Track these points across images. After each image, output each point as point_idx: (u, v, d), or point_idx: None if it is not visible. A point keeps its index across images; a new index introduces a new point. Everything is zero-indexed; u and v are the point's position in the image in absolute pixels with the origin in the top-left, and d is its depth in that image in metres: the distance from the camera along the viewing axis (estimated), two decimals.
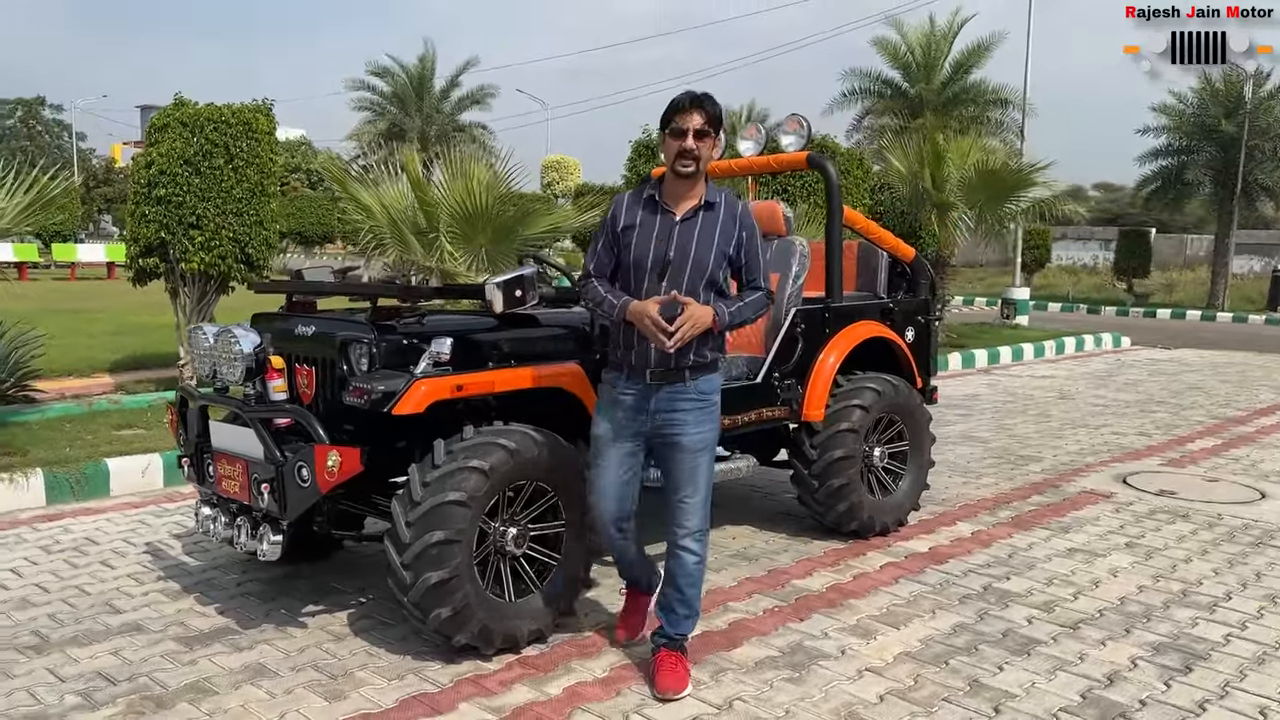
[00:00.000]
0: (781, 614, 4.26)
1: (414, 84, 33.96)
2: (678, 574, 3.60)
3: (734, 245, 3.50)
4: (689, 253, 3.43)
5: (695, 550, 3.58)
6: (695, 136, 3.37)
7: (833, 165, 5.26)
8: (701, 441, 3.55)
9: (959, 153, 13.62)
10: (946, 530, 5.51)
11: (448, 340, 3.73)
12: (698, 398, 3.53)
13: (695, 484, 3.55)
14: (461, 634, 3.65)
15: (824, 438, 5.05)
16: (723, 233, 3.47)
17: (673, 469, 3.56)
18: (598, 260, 3.51)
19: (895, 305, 5.56)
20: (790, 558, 5.00)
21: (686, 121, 3.38)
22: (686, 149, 3.37)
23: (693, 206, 3.47)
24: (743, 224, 3.52)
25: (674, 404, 3.50)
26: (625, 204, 3.51)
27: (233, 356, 3.94)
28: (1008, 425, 8.80)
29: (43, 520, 5.62)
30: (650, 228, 3.45)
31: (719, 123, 3.44)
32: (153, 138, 8.35)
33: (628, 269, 3.46)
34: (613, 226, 3.48)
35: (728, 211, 3.50)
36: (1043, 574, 4.81)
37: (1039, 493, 6.36)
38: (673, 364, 3.46)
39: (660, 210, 3.46)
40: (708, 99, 3.43)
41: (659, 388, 3.48)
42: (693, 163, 3.39)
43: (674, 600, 3.63)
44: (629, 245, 3.45)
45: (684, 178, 3.42)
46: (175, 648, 3.89)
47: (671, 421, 3.51)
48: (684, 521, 3.56)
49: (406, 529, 3.58)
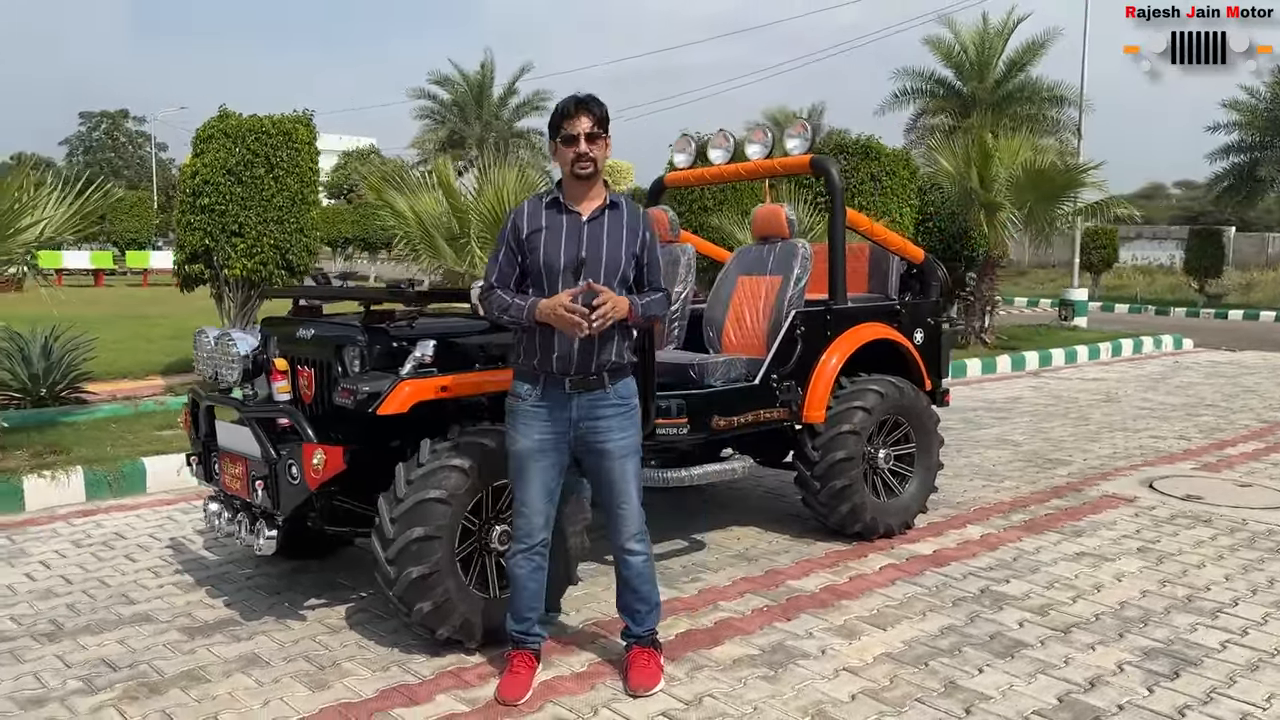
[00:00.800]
0: (769, 613, 4.30)
1: (473, 92, 34.51)
2: (631, 577, 3.63)
3: (639, 245, 3.53)
4: (601, 251, 3.44)
5: (641, 550, 3.63)
6: (587, 140, 3.40)
7: (836, 168, 5.28)
8: (628, 446, 3.56)
9: (1008, 152, 13.44)
10: (955, 533, 5.48)
11: (431, 343, 3.85)
12: (619, 402, 3.53)
13: (626, 489, 3.57)
14: (444, 628, 3.77)
15: (826, 439, 5.07)
16: (629, 232, 3.51)
17: (603, 477, 3.56)
18: (499, 270, 3.49)
19: (903, 307, 5.55)
20: (790, 559, 5.03)
21: (576, 127, 3.39)
22: (582, 153, 3.41)
23: (598, 206, 3.49)
24: (645, 226, 3.57)
25: (595, 411, 3.48)
26: (527, 211, 3.51)
27: (231, 359, 4.11)
28: (1044, 428, 8.68)
29: (79, 515, 5.88)
30: (558, 229, 3.45)
31: (607, 122, 3.46)
32: (198, 148, 8.66)
33: (539, 273, 3.44)
34: (514, 235, 3.48)
35: (631, 213, 3.54)
36: (1044, 578, 4.76)
37: (1059, 497, 6.28)
38: (591, 369, 3.46)
39: (566, 211, 3.48)
40: (593, 101, 3.43)
41: (578, 395, 3.49)
42: (590, 164, 3.43)
43: (633, 602, 3.67)
44: (537, 249, 3.44)
45: (584, 180, 3.46)
46: (178, 637, 4.06)
47: (595, 429, 3.49)
48: (624, 527, 3.59)
49: (390, 525, 3.70)
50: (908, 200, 14.34)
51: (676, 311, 5.56)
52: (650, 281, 3.61)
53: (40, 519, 5.83)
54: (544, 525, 3.56)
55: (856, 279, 5.98)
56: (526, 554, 3.56)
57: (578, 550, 4.09)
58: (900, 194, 14.18)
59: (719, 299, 5.51)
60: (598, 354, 3.45)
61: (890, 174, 13.98)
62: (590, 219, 3.47)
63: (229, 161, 8.35)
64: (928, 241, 15.80)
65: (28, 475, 6.13)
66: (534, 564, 3.58)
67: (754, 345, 5.23)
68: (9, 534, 5.53)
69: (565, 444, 3.51)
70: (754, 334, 5.28)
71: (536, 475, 3.49)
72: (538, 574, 3.62)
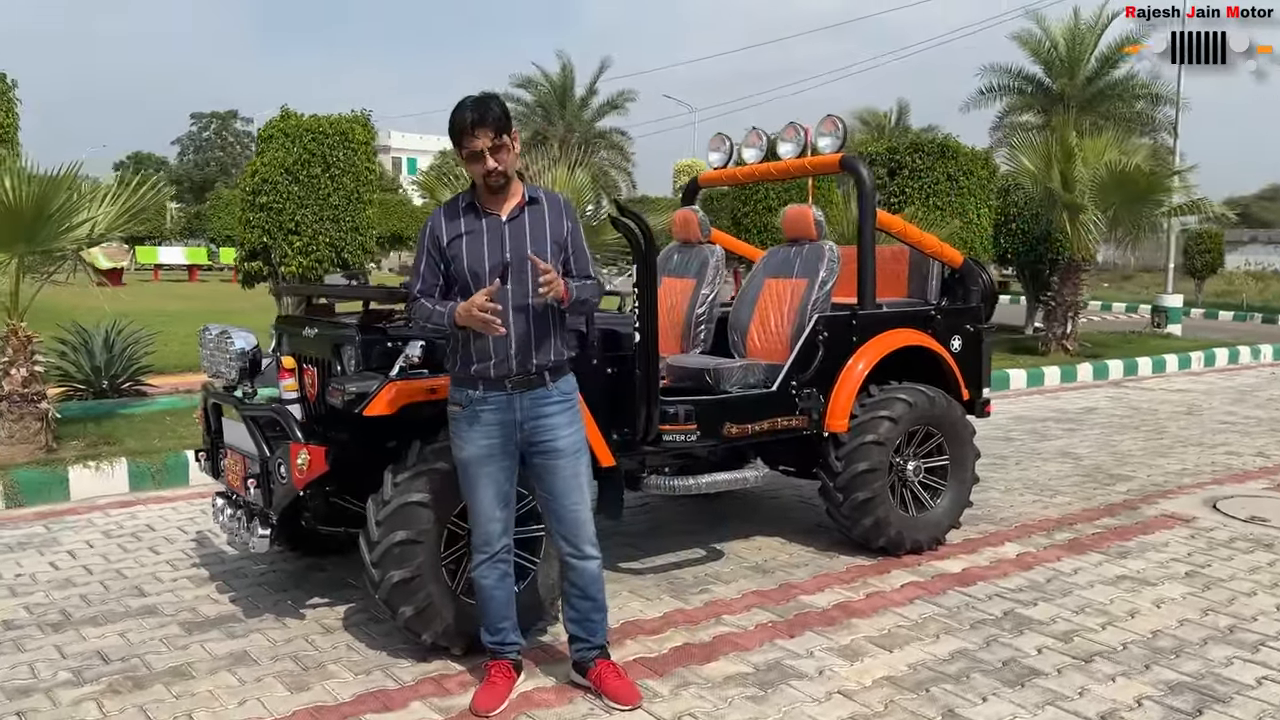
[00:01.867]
0: (773, 629, 4.14)
1: (556, 93, 34.76)
2: (585, 583, 3.51)
3: (563, 236, 3.41)
4: (525, 251, 3.31)
5: (595, 554, 3.51)
6: (492, 155, 3.25)
7: (867, 168, 5.08)
8: (576, 442, 3.45)
9: (1093, 151, 12.89)
10: (990, 550, 5.23)
11: (419, 344, 3.79)
12: (562, 398, 3.43)
13: (579, 488, 3.45)
14: (428, 632, 3.72)
15: (849, 450, 4.88)
16: (553, 227, 3.39)
17: (555, 478, 3.42)
18: (423, 280, 3.39)
19: (938, 312, 5.31)
20: (808, 572, 4.85)
21: (476, 144, 3.23)
22: (491, 170, 3.28)
23: (516, 205, 3.38)
24: (568, 215, 3.45)
25: (541, 409, 3.38)
26: (444, 218, 3.40)
27: (229, 356, 4.13)
28: (1113, 441, 8.28)
29: (117, 506, 6.02)
30: (479, 234, 3.34)
31: (508, 123, 3.30)
32: (260, 148, 8.83)
33: (465, 280, 3.32)
34: (434, 244, 3.38)
35: (552, 206, 3.42)
36: (1076, 601, 4.50)
37: (1111, 515, 5.95)
38: (531, 369, 3.36)
39: (484, 215, 3.37)
40: (488, 112, 3.24)
41: (521, 395, 3.37)
42: (501, 176, 3.31)
43: (589, 611, 3.54)
44: (459, 256, 3.33)
45: (499, 190, 3.35)
46: (177, 632, 4.10)
47: (542, 428, 3.39)
48: (578, 530, 3.47)
49: (376, 527, 3.66)
50: (986, 201, 13.91)
51: (703, 314, 5.42)
52: (578, 271, 3.47)
53: (80, 509, 5.98)
54: (503, 532, 3.47)
55: (896, 283, 5.75)
56: (489, 563, 3.47)
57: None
58: (979, 194, 13.76)
59: (745, 301, 5.35)
60: (535, 353, 3.35)
61: (968, 173, 13.58)
62: (510, 219, 3.36)
63: (286, 161, 8.49)
64: (1009, 244, 15.34)
65: (73, 465, 6.30)
66: (499, 572, 3.50)
67: (778, 350, 5.06)
68: (47, 522, 5.69)
69: (513, 446, 3.40)
70: (778, 338, 5.11)
71: (486, 481, 3.40)
72: (504, 582, 3.53)
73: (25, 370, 6.59)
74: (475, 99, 3.29)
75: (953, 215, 13.21)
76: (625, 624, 4.18)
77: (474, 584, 3.54)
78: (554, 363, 3.42)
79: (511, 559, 3.56)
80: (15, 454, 6.53)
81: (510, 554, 3.54)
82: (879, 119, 36.63)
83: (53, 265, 6.64)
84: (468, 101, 3.28)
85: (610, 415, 4.32)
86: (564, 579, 3.56)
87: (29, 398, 6.60)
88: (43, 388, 6.69)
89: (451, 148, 3.57)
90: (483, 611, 3.56)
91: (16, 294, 6.55)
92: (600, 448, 4.22)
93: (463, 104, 3.28)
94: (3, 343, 6.59)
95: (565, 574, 3.54)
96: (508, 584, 3.54)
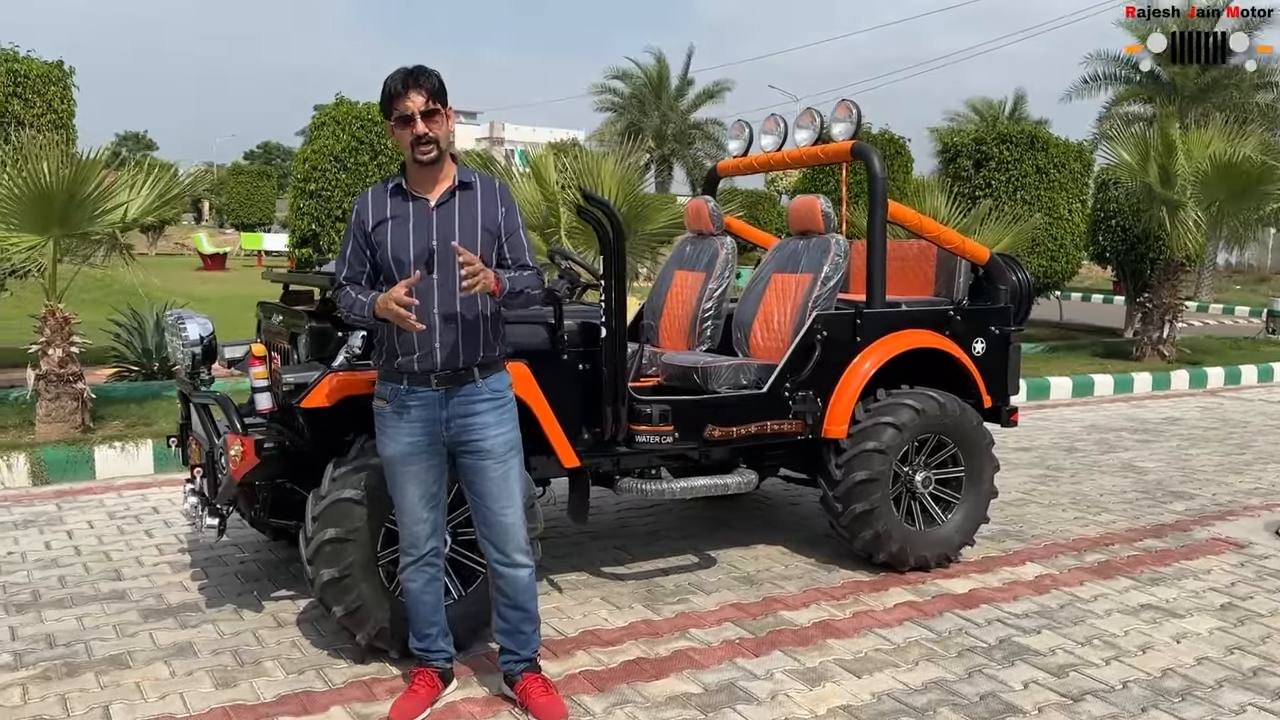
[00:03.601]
0: (739, 647, 3.88)
1: (651, 84, 34.56)
2: (515, 592, 3.31)
3: (495, 224, 3.19)
4: (453, 238, 3.10)
5: (526, 562, 3.32)
6: (424, 119, 3.05)
7: (879, 156, 4.74)
8: (506, 443, 3.25)
9: (1198, 144, 12.04)
10: (1007, 570, 4.84)
11: (360, 334, 3.66)
12: (492, 396, 3.23)
13: (510, 491, 3.26)
14: (361, 633, 3.59)
15: (849, 457, 4.57)
16: (485, 212, 3.18)
17: (483, 480, 3.23)
18: (349, 267, 3.19)
19: (957, 313, 4.93)
20: (799, 585, 4.56)
21: (407, 106, 3.03)
22: (420, 135, 3.06)
23: (446, 189, 3.16)
24: (502, 200, 3.23)
25: (469, 407, 3.19)
26: (371, 201, 3.20)
27: (181, 343, 4.06)
28: (1186, 456, 7.68)
29: (135, 487, 6.10)
30: (405, 219, 3.13)
31: (443, 94, 3.09)
32: (313, 135, 8.89)
33: (389, 268, 3.13)
34: (359, 228, 3.19)
35: (485, 190, 3.20)
36: (1085, 632, 4.11)
37: (1157, 536, 5.47)
38: (460, 364, 3.16)
39: (411, 198, 3.16)
40: (422, 73, 3.06)
41: (447, 392, 3.18)
42: (432, 146, 3.08)
43: (519, 621, 3.35)
44: (384, 242, 3.13)
45: (428, 165, 3.12)
46: (133, 619, 4.06)
47: (469, 426, 3.19)
48: (509, 536, 3.27)
49: (311, 523, 3.54)
50: (1079, 196, 13.19)
51: (711, 310, 5.16)
52: (514, 260, 3.25)
53: (98, 489, 6.08)
54: (430, 533, 3.29)
55: (921, 281, 5.39)
56: (416, 566, 3.31)
57: None
58: (1071, 189, 13.08)
59: (750, 297, 5.07)
60: (463, 348, 3.15)
61: (1059, 167, 12.90)
62: (439, 204, 3.16)
63: (335, 148, 8.52)
64: (1108, 242, 14.54)
65: (99, 445, 6.41)
66: (427, 575, 3.33)
67: (779, 348, 4.77)
68: (60, 501, 5.79)
69: (439, 445, 3.22)
70: (780, 336, 4.82)
71: (412, 481, 3.23)
72: (433, 586, 3.37)
73: (62, 350, 6.73)
74: (408, 67, 3.12)
75: (1040, 210, 12.55)
76: (583, 633, 3.97)
77: (402, 587, 3.39)
78: (484, 358, 3.22)
79: (441, 563, 3.39)
80: (51, 432, 6.68)
81: (439, 557, 3.37)
82: (992, 109, 35.31)
83: (88, 248, 6.75)
84: (396, 70, 3.11)
85: (581, 414, 4.12)
86: (493, 587, 3.38)
87: (65, 378, 6.74)
88: (79, 368, 6.83)
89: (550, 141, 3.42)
90: (410, 616, 3.40)
91: (54, 276, 6.69)
92: (564, 448, 4.03)
93: (393, 73, 3.11)
94: (41, 323, 6.74)
95: (494, 581, 3.36)
96: (435, 588, 3.38)
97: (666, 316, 5.41)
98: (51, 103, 7.73)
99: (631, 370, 4.82)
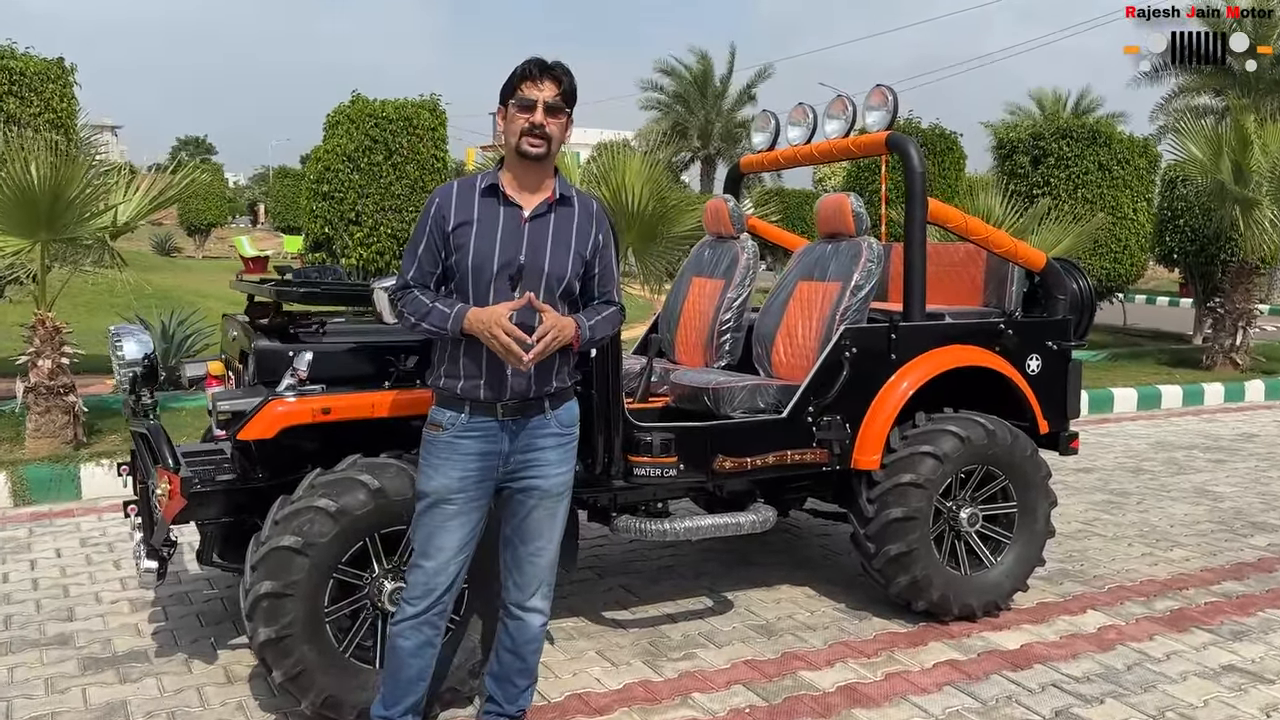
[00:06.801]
0: (747, 718, 3.34)
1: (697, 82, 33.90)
2: (521, 641, 2.96)
3: (590, 249, 2.81)
4: (543, 257, 2.76)
5: (543, 610, 2.97)
6: (546, 111, 2.69)
7: (917, 148, 4.17)
8: (564, 484, 2.91)
9: (1275, 138, 11.22)
10: (1065, 620, 4.24)
11: (307, 355, 3.18)
12: (560, 431, 2.87)
13: (551, 534, 2.91)
14: (305, 700, 3.11)
15: (882, 491, 4.01)
16: (579, 234, 2.80)
17: (527, 518, 2.88)
18: (418, 267, 2.78)
19: (1008, 326, 4.34)
20: (824, 638, 4.00)
21: (535, 91, 2.69)
22: (536, 123, 2.69)
23: (545, 200, 2.78)
24: (599, 225, 2.85)
25: (533, 441, 2.83)
26: (455, 197, 2.78)
27: (118, 362, 3.62)
28: (1266, 479, 6.97)
29: (113, 510, 5.68)
30: (493, 225, 2.74)
31: (573, 98, 2.75)
32: (326, 134, 8.49)
33: (464, 276, 2.75)
34: (438, 226, 2.76)
35: (583, 209, 2.84)
36: (1156, 701, 3.50)
37: (1237, 578, 4.82)
38: (532, 393, 2.77)
39: (505, 203, 2.75)
40: (561, 68, 2.76)
41: (513, 423, 2.79)
42: (543, 142, 2.71)
43: (514, 671, 2.99)
44: (464, 247, 2.73)
45: (532, 160, 2.72)
46: (70, 671, 3.63)
47: (529, 463, 2.84)
48: (533, 577, 2.92)
49: (250, 573, 3.07)
50: (1144, 194, 12.40)
51: (729, 321, 4.63)
52: (601, 292, 2.90)
53: (79, 510, 5.70)
54: (447, 587, 2.83)
55: (969, 289, 4.80)
56: (416, 622, 2.82)
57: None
58: (1135, 186, 12.29)
59: (773, 308, 4.53)
60: (537, 381, 2.77)
61: (1123, 163, 12.12)
62: (534, 215, 2.76)
63: (348, 148, 8.12)
64: (1175, 242, 13.72)
65: (85, 463, 6.05)
66: (423, 637, 2.85)
67: (803, 366, 4.22)
68: (34, 525, 5.42)
69: (490, 484, 2.83)
70: (804, 353, 4.27)
71: (452, 520, 2.79)
72: (426, 651, 2.89)
73: (52, 361, 6.37)
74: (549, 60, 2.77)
75: (1103, 209, 11.80)
76: (569, 697, 3.46)
77: (389, 643, 2.91)
78: (556, 388, 2.84)
79: (443, 625, 2.92)
80: (40, 447, 6.33)
81: (444, 619, 2.90)
82: (1056, 102, 33.99)
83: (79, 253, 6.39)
84: (539, 58, 2.77)
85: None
86: (499, 631, 3.02)
87: (56, 390, 6.39)
88: (71, 379, 6.47)
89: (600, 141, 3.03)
90: (386, 679, 2.92)
91: (43, 283, 6.34)
92: None
93: (535, 58, 2.77)
94: (30, 333, 6.39)
95: (502, 625, 3.00)
96: (428, 654, 2.89)
97: (683, 327, 4.89)
98: (50, 101, 7.40)
99: (639, 389, 4.33)
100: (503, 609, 3.00)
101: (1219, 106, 19.45)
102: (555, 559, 2.98)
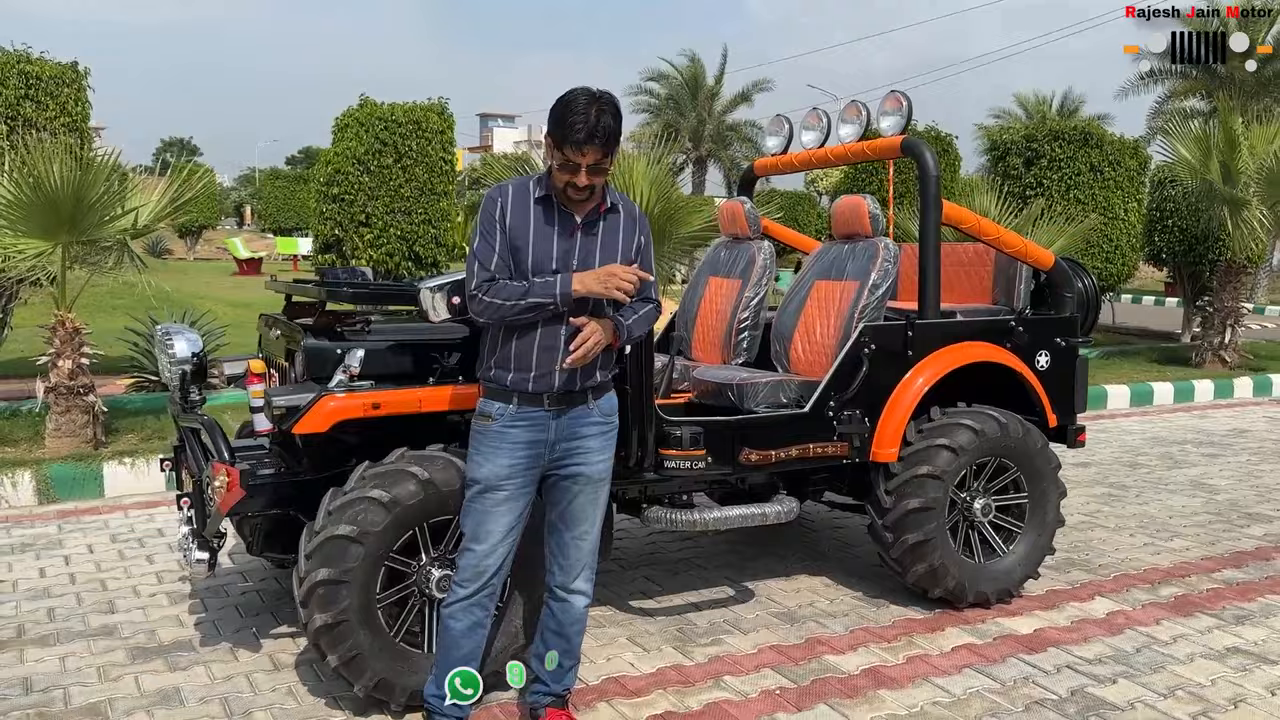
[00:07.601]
0: (779, 700, 3.48)
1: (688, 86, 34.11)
2: (567, 622, 3.13)
3: (635, 250, 3.00)
4: (594, 262, 2.93)
5: (587, 592, 3.15)
6: (589, 173, 2.80)
7: (932, 153, 4.33)
8: (605, 470, 3.09)
9: (1262, 139, 11.44)
10: (1074, 607, 4.41)
11: (359, 352, 3.31)
12: (602, 420, 3.05)
13: (594, 518, 3.10)
14: (358, 683, 3.24)
15: (900, 483, 4.16)
16: (625, 238, 2.98)
17: (571, 503, 3.06)
18: (498, 259, 2.88)
19: (1019, 323, 4.50)
20: (845, 624, 4.15)
21: (581, 159, 2.76)
22: (579, 185, 2.81)
23: (595, 208, 2.94)
24: (641, 227, 3.04)
25: (577, 430, 3.01)
26: (512, 199, 2.91)
27: (169, 360, 3.74)
28: (1259, 471, 7.16)
29: (141, 507, 5.81)
30: (547, 231, 2.90)
31: (618, 139, 2.82)
32: (335, 137, 8.60)
33: (523, 277, 2.89)
34: (501, 221, 2.89)
35: (628, 215, 3.02)
36: (1167, 681, 3.67)
37: (1236, 566, 5.00)
38: (576, 387, 2.95)
39: (558, 212, 2.90)
40: (609, 125, 2.75)
41: (559, 412, 2.96)
42: (586, 192, 2.85)
43: (560, 654, 3.14)
44: (522, 249, 2.88)
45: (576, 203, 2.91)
46: (120, 660, 3.74)
47: (573, 450, 3.01)
48: (577, 560, 3.09)
49: (304, 562, 3.20)
50: (1135, 194, 12.62)
51: (747, 320, 4.77)
52: (640, 292, 3.01)
53: (105, 508, 5.80)
54: (496, 569, 2.99)
55: (978, 288, 4.96)
56: (467, 604, 2.99)
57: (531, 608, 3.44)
58: (1126, 187, 12.51)
59: (790, 306, 4.67)
60: (581, 372, 2.94)
61: (1114, 164, 12.33)
62: (586, 222, 2.92)
63: (358, 151, 8.23)
64: (1165, 243, 13.93)
65: (108, 462, 6.14)
66: (474, 618, 3.01)
67: (821, 363, 4.37)
68: (62, 522, 5.51)
69: (537, 471, 3.00)
70: (823, 350, 4.42)
71: (501, 506, 2.96)
72: (476, 632, 3.04)
73: (72, 362, 6.47)
74: (595, 103, 2.74)
75: (1095, 210, 12.01)
76: (606, 681, 3.60)
77: (440, 624, 3.07)
78: (599, 380, 3.02)
79: (493, 606, 3.08)
80: (61, 447, 6.43)
81: (494, 600, 3.07)
82: (1038, 106, 34.33)
83: (99, 255, 6.48)
84: (581, 101, 2.74)
85: None
86: (544, 612, 3.18)
87: (75, 390, 6.48)
88: (90, 380, 6.57)
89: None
90: (438, 660, 3.07)
91: (63, 283, 6.43)
92: None
93: (576, 102, 2.74)
94: (50, 334, 6.49)
95: (547, 607, 3.16)
96: (479, 635, 3.06)
97: (700, 326, 5.03)
98: (65, 105, 7.49)
99: (661, 386, 4.46)
100: (548, 592, 3.15)
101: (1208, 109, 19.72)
102: (597, 543, 3.14)
